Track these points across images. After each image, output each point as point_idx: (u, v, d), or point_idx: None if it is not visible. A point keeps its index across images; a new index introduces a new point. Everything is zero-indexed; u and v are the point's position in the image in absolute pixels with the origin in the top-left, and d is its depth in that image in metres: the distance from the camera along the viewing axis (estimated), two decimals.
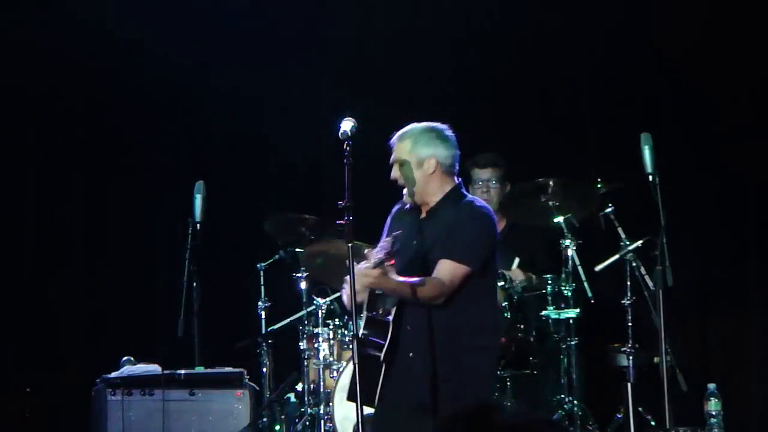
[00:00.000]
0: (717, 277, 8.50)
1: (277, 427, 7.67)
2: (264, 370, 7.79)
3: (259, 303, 7.89)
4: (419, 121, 5.79)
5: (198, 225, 7.67)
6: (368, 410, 6.11)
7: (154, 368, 7.59)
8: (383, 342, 5.54)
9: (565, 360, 7.20)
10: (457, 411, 1.62)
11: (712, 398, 7.32)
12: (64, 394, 8.66)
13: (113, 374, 7.49)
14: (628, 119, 8.19)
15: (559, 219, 7.36)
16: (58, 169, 8.93)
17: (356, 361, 5.77)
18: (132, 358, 7.64)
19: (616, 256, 7.27)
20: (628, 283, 7.19)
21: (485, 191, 7.80)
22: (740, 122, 8.37)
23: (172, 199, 8.67)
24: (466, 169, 7.86)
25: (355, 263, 5.40)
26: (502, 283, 7.14)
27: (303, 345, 7.67)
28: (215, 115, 9.03)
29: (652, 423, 7.24)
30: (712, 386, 7.34)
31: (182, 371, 7.47)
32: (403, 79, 8.91)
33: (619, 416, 7.32)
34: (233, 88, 8.98)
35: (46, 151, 8.98)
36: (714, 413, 7.30)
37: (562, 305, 7.27)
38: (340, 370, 7.37)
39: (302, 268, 7.76)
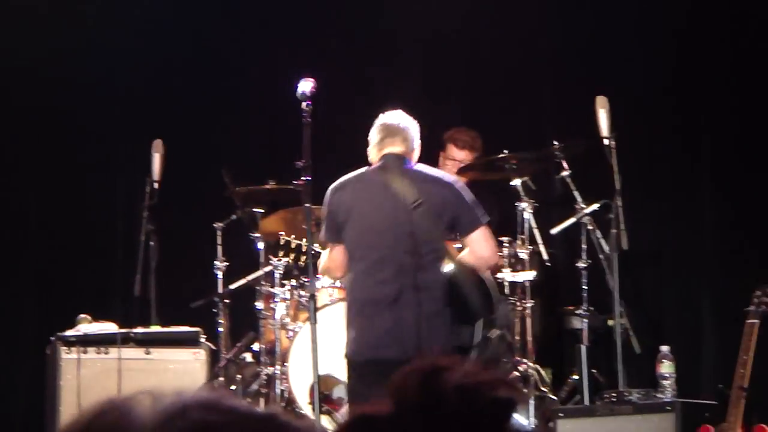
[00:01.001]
0: (671, 240, 8.56)
1: (233, 387, 7.67)
2: (220, 329, 7.79)
3: (216, 263, 7.87)
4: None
5: (155, 184, 7.65)
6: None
7: (110, 327, 7.57)
8: None
9: (520, 322, 7.25)
10: (406, 367, 1.59)
11: (664, 360, 7.39)
12: (18, 353, 8.63)
13: (69, 332, 7.47)
14: (584, 82, 8.20)
15: (516, 182, 7.39)
16: (11, 127, 8.84)
17: (313, 321, 5.88)
18: (88, 317, 7.62)
19: (572, 220, 7.31)
20: (584, 246, 7.24)
21: (453, 170, 7.84)
22: (696, 85, 8.42)
23: (129, 158, 8.62)
24: (443, 140, 7.87)
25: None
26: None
27: (259, 305, 7.67)
28: (173, 74, 8.97)
29: (605, 385, 7.30)
30: (665, 348, 7.41)
31: (138, 330, 7.46)
32: (363, 42, 8.90)
33: (573, 378, 7.38)
34: (192, 46, 8.93)
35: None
36: (666, 375, 7.38)
37: (518, 268, 7.31)
38: (297, 330, 7.39)
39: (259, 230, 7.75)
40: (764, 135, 8.20)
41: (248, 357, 7.79)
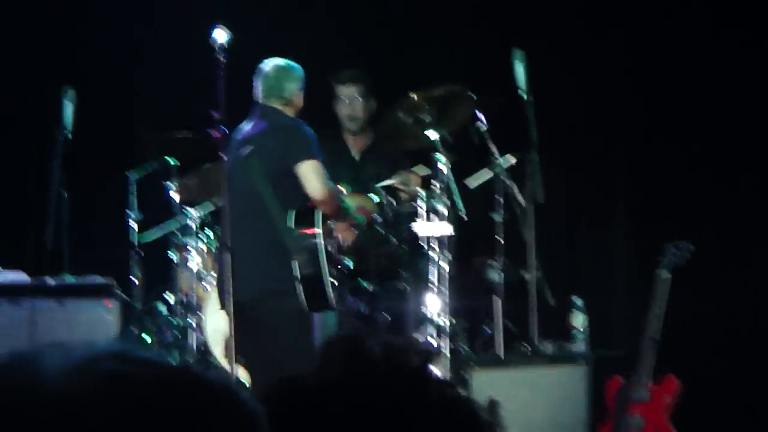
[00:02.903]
0: (584, 193, 8.64)
1: (147, 338, 7.62)
2: (134, 280, 7.73)
3: (130, 212, 7.79)
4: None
5: (67, 133, 7.55)
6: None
7: (21, 276, 7.48)
8: None
9: (436, 274, 7.27)
10: (329, 339, 1.71)
11: (577, 312, 7.48)
12: None
13: None
14: (501, 35, 8.21)
15: (432, 134, 7.38)
16: None
17: (226, 274, 5.89)
18: None
19: (488, 172, 7.33)
20: (500, 199, 7.27)
21: (350, 107, 7.84)
22: (614, 40, 8.47)
23: (40, 107, 8.48)
24: (329, 85, 7.85)
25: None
26: (376, 197, 7.17)
27: (173, 256, 7.62)
28: (86, 20, 8.83)
29: (519, 336, 7.36)
30: (578, 300, 7.50)
31: (51, 280, 7.38)
32: None
33: (486, 330, 7.43)
34: None
35: None
36: (579, 327, 7.46)
37: (435, 220, 7.32)
38: (212, 282, 7.35)
39: (174, 182, 7.68)
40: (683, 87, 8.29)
41: (163, 309, 7.74)
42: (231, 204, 6.21)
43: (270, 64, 6.67)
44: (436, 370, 1.66)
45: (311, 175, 6.37)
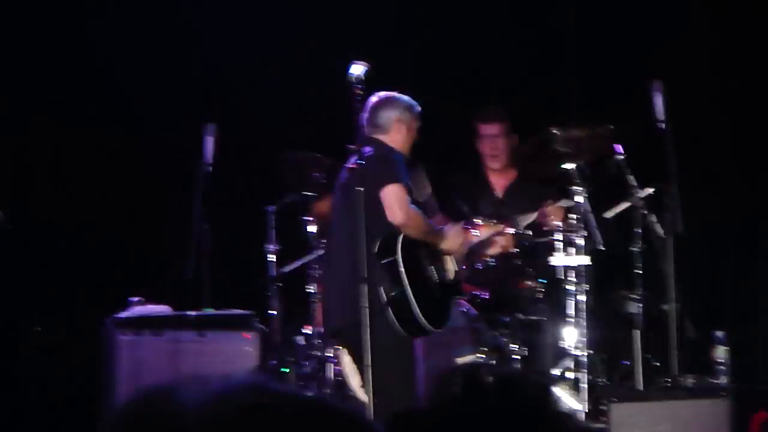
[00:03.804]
0: (727, 225, 8.50)
1: (285, 370, 7.69)
2: (272, 312, 7.81)
3: (268, 245, 7.88)
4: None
5: (208, 167, 7.68)
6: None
7: (165, 309, 7.62)
8: None
9: (574, 307, 7.21)
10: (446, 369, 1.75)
11: (719, 345, 7.34)
12: (73, 334, 8.70)
13: (123, 314, 7.52)
14: (639, 65, 8.14)
15: (569, 166, 7.34)
16: (68, 112, 8.91)
17: (364, 305, 5.93)
18: (142, 299, 7.67)
19: (626, 203, 7.27)
20: (638, 230, 7.19)
21: (492, 145, 7.84)
22: (760, 69, 8.34)
23: (182, 141, 8.65)
24: (472, 124, 7.86)
25: None
26: (513, 230, 7.15)
27: (311, 288, 7.68)
28: (225, 57, 8.99)
29: (659, 370, 7.26)
30: (719, 334, 7.36)
31: (192, 312, 7.50)
32: (410, 25, 8.89)
33: (625, 363, 7.34)
34: (242, 28, 8.95)
35: (54, 99, 8.95)
36: (721, 361, 7.32)
37: (572, 252, 7.27)
38: None
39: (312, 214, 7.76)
40: None
41: (301, 340, 7.80)
42: (332, 234, 6.49)
43: (374, 96, 6.69)
44: (565, 402, 1.68)
45: (390, 200, 6.35)
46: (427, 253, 6.54)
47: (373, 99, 6.65)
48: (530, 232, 7.35)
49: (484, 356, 7.03)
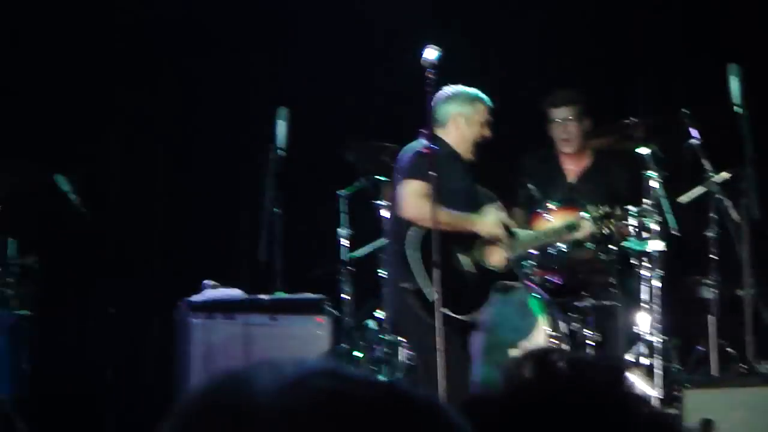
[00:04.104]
0: None
1: (357, 354, 7.70)
2: (344, 296, 7.82)
3: (340, 230, 7.90)
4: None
5: (281, 151, 7.71)
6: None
7: (237, 293, 7.66)
8: None
9: (648, 292, 7.16)
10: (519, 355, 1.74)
11: None
12: (147, 317, 8.78)
13: (195, 297, 7.57)
14: (715, 50, 8.05)
15: (644, 150, 7.28)
16: (142, 99, 8.98)
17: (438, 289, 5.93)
18: (215, 283, 7.72)
19: (702, 188, 7.19)
20: (714, 215, 7.11)
21: (564, 129, 7.77)
22: None
23: (255, 125, 8.68)
24: (543, 108, 7.82)
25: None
26: (588, 214, 7.09)
27: (383, 272, 7.68)
28: (296, 41, 9.01)
29: (734, 356, 7.19)
30: None
31: (265, 296, 7.54)
32: (486, 14, 8.85)
33: (700, 349, 7.28)
34: (315, 11, 8.96)
35: (131, 82, 9.02)
36: None
37: (646, 237, 7.21)
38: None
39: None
40: None
41: (371, 324, 7.81)
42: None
43: (441, 89, 6.72)
44: (639, 388, 1.65)
45: (402, 194, 6.55)
46: (457, 241, 6.53)
47: (438, 93, 6.66)
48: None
49: (556, 342, 7.00)
